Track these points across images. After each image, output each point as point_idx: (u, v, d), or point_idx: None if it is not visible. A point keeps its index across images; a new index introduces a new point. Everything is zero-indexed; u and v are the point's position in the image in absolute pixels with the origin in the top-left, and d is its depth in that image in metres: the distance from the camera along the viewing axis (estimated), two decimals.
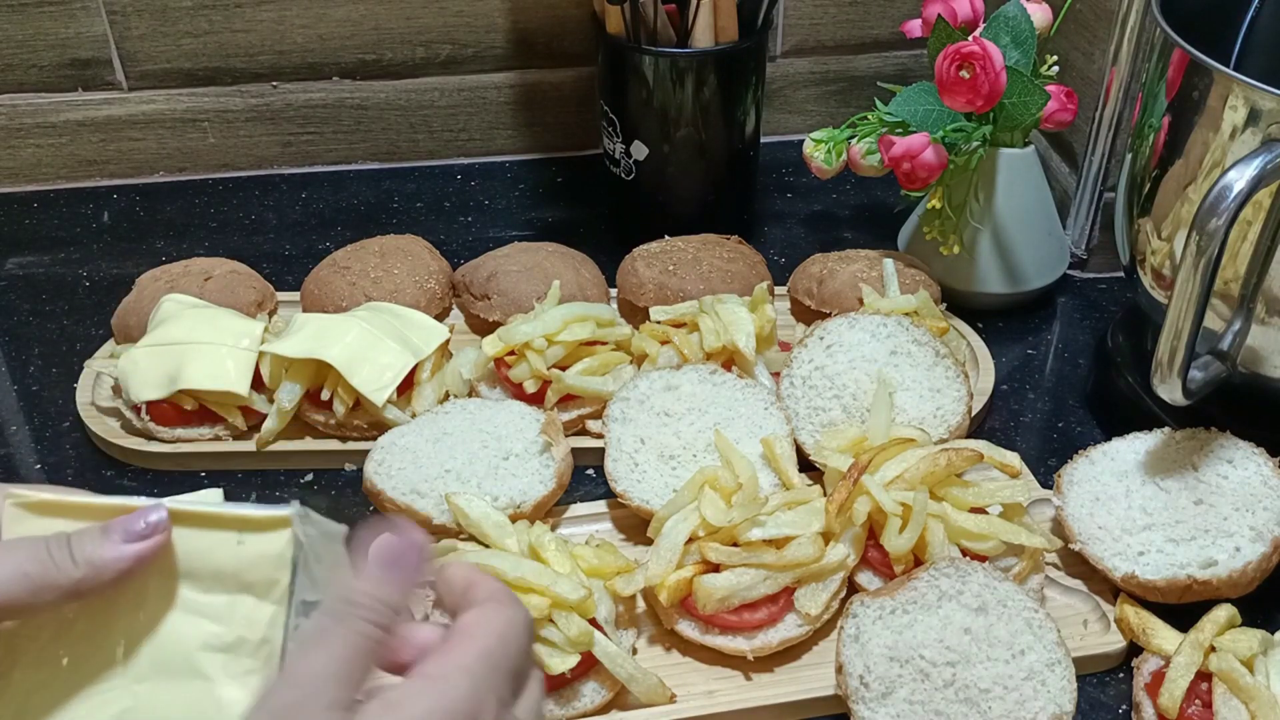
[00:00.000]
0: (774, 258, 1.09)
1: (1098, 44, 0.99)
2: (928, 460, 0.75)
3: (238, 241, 1.12)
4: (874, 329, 0.88)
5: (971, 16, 0.96)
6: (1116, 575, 0.74)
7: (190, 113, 1.17)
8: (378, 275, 0.96)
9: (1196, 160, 0.74)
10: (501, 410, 0.85)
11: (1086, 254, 1.06)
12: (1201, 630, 0.68)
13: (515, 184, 1.21)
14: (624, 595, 0.72)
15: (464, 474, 0.80)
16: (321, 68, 1.16)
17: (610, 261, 1.01)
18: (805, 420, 0.85)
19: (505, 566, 0.68)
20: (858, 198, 1.18)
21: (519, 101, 1.21)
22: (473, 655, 0.43)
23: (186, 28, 1.12)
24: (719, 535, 0.73)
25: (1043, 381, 0.96)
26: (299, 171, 1.22)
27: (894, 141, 0.93)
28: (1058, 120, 0.96)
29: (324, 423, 0.87)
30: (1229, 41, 0.85)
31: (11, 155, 1.17)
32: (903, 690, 0.66)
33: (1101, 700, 0.72)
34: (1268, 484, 0.75)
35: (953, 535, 0.74)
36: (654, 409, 0.84)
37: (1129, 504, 0.77)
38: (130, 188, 1.19)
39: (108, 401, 0.90)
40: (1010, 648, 0.67)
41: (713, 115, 1.01)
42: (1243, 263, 0.72)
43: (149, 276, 0.97)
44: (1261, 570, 0.72)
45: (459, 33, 1.15)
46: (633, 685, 0.68)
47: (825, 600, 0.72)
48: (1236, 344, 0.76)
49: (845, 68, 1.24)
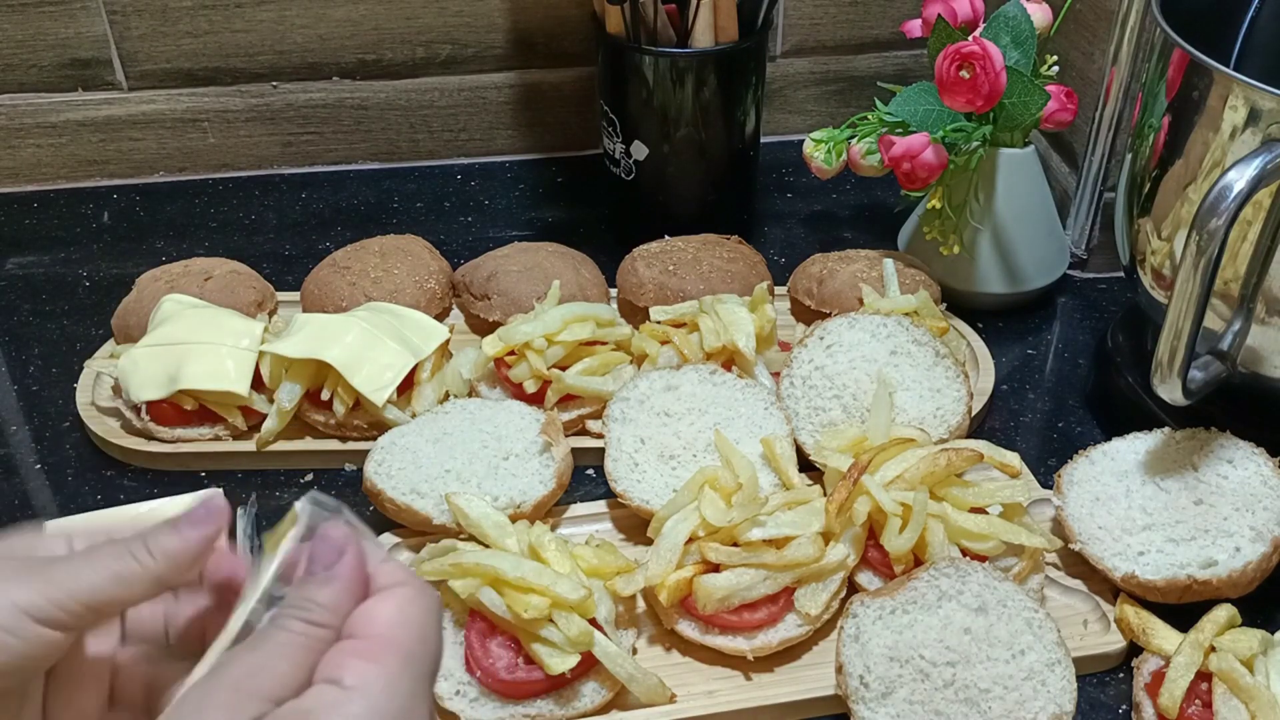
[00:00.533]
0: (774, 258, 1.09)
1: (1098, 44, 0.99)
2: (928, 460, 0.75)
3: (238, 241, 1.12)
4: (874, 329, 0.88)
5: (971, 16, 0.96)
6: (1116, 575, 0.74)
7: (190, 113, 1.17)
8: (378, 275, 0.96)
9: (1196, 160, 0.74)
10: (501, 410, 0.85)
11: (1086, 254, 1.06)
12: (1201, 630, 0.68)
13: (515, 184, 1.21)
14: (624, 595, 0.72)
15: (464, 474, 0.80)
16: (321, 68, 1.16)
17: (610, 261, 1.01)
18: (805, 420, 0.85)
19: (505, 566, 0.68)
20: (858, 198, 1.18)
21: (519, 101, 1.21)
22: (397, 663, 0.41)
23: (186, 28, 1.12)
24: (719, 535, 0.73)
25: (1043, 381, 0.96)
26: (299, 171, 1.22)
27: (894, 141, 0.93)
28: (1058, 120, 0.96)
29: (324, 423, 0.87)
30: (1229, 41, 0.85)
31: (11, 155, 1.17)
32: (903, 690, 0.66)
33: (1101, 700, 0.72)
34: (1268, 484, 0.75)
35: (953, 535, 0.74)
36: (654, 409, 0.84)
37: (1129, 504, 0.77)
38: (130, 188, 1.19)
39: (108, 401, 0.90)
40: (1010, 648, 0.67)
41: (713, 115, 1.01)
42: (1243, 263, 0.72)
43: (149, 276, 0.97)
44: (1261, 570, 0.72)
45: (459, 33, 1.15)
46: (633, 685, 0.68)
47: (825, 600, 0.72)
48: (1236, 344, 0.76)
49: (845, 68, 1.24)
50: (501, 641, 0.69)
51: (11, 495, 0.85)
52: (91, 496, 0.85)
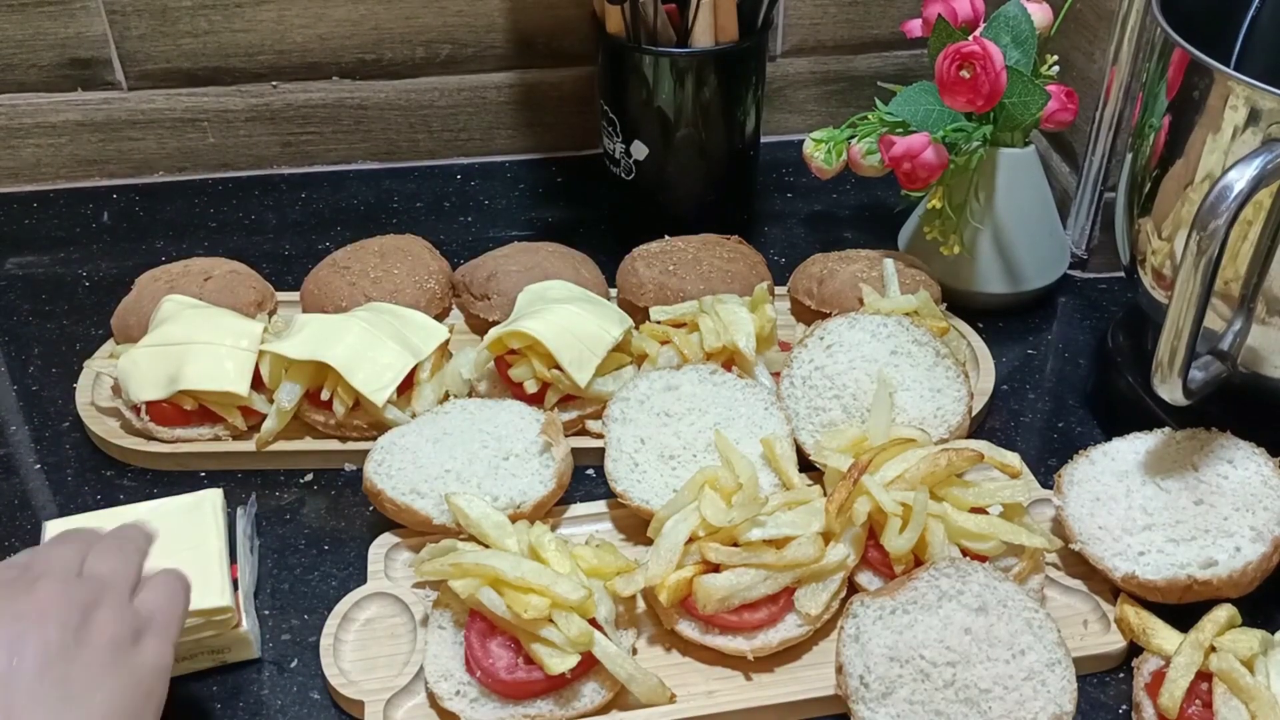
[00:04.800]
0: (774, 258, 1.09)
1: (1098, 44, 0.99)
2: (928, 460, 0.75)
3: (238, 241, 1.12)
4: (874, 329, 0.88)
5: (972, 16, 0.95)
6: (1116, 575, 0.74)
7: (190, 113, 1.17)
8: (377, 275, 0.96)
9: (1196, 160, 0.74)
10: (501, 410, 0.85)
11: (1087, 254, 1.06)
12: (1202, 630, 0.68)
13: (515, 184, 1.21)
14: (624, 595, 0.72)
15: (464, 474, 0.80)
16: (321, 68, 1.16)
17: (610, 261, 1.01)
18: (805, 420, 0.85)
19: (505, 566, 0.68)
20: (858, 198, 1.18)
21: (519, 101, 1.21)
22: None
23: (186, 28, 1.12)
24: (719, 535, 0.73)
25: (1043, 381, 0.96)
26: (299, 171, 1.22)
27: (894, 141, 0.93)
28: (1058, 120, 0.96)
29: (324, 423, 0.87)
30: (1229, 41, 0.85)
31: (11, 155, 1.17)
32: (903, 690, 0.66)
33: (1101, 700, 0.72)
34: (1268, 484, 0.75)
35: (953, 535, 0.74)
36: (654, 409, 0.84)
37: (1129, 504, 0.77)
38: (130, 188, 1.19)
39: (108, 401, 0.90)
40: (1010, 648, 0.67)
41: (713, 115, 1.01)
42: (1243, 263, 0.72)
43: (149, 276, 0.97)
44: (1261, 570, 0.72)
45: (459, 33, 1.15)
46: (633, 685, 0.68)
47: (825, 600, 0.72)
48: (1237, 344, 0.76)
49: (845, 68, 1.24)
50: (501, 641, 0.69)
51: (11, 495, 0.85)
52: (91, 496, 0.85)
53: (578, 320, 0.86)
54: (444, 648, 0.71)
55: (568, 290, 0.92)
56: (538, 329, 0.85)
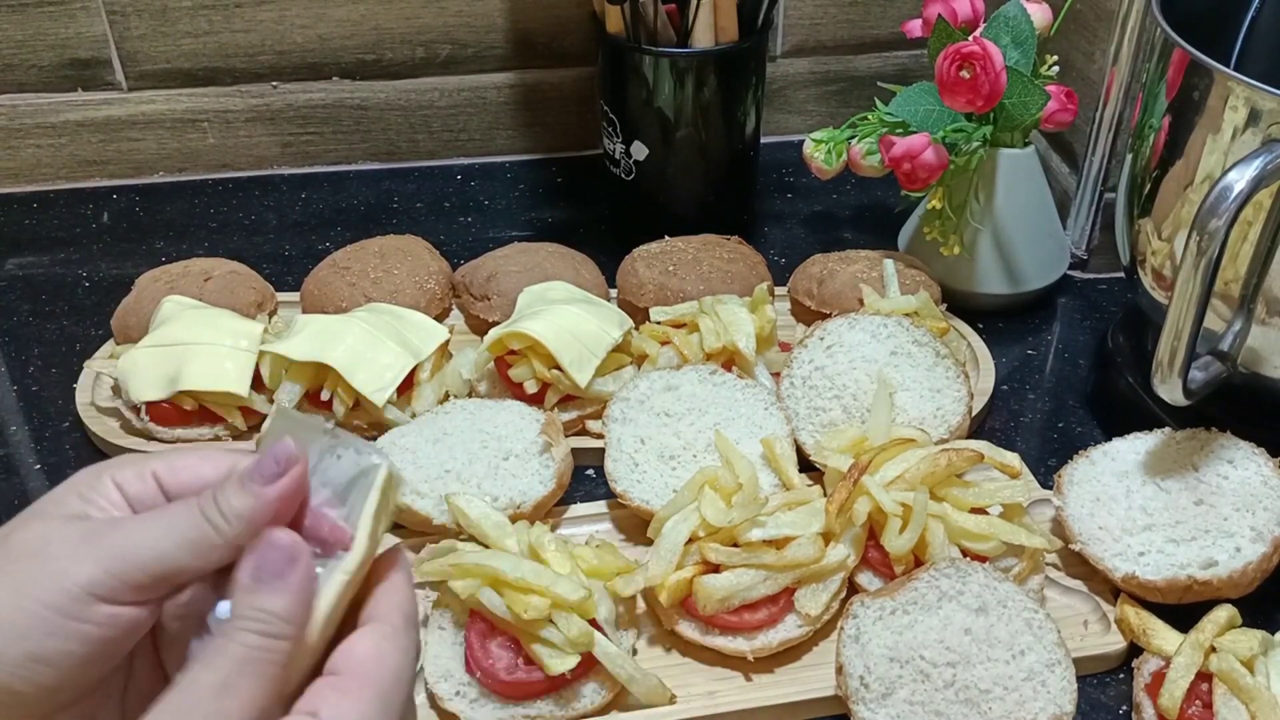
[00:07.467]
0: (774, 258, 1.09)
1: (1098, 44, 0.99)
2: (928, 461, 0.75)
3: (238, 242, 1.12)
4: (874, 329, 0.88)
5: (972, 16, 0.96)
6: (1116, 575, 0.74)
7: (190, 113, 1.17)
8: (377, 276, 0.96)
9: (1196, 160, 0.74)
10: (501, 410, 0.85)
11: (1087, 254, 1.06)
12: (1202, 631, 0.68)
13: (515, 184, 1.21)
14: (624, 596, 0.72)
15: (464, 474, 0.80)
16: (321, 68, 1.16)
17: (610, 261, 1.01)
18: (805, 420, 0.85)
19: (505, 567, 0.68)
20: (858, 198, 1.18)
21: (519, 101, 1.21)
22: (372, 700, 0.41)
23: (186, 28, 1.12)
24: (719, 536, 0.73)
25: (1043, 382, 0.96)
26: (299, 172, 1.22)
27: (894, 142, 0.93)
28: (1058, 120, 0.96)
29: None
30: (1229, 41, 0.85)
31: (11, 155, 1.17)
32: (903, 691, 0.66)
33: (1101, 701, 0.72)
34: (1268, 484, 0.75)
35: (953, 536, 0.74)
36: (654, 409, 0.84)
37: (1129, 504, 0.77)
38: (130, 188, 1.19)
39: (108, 402, 0.90)
40: (1010, 648, 0.67)
41: (713, 115, 1.01)
42: (1243, 263, 0.72)
43: (149, 277, 0.97)
44: (1262, 570, 0.72)
45: (459, 33, 1.15)
46: (633, 686, 0.68)
47: (825, 601, 0.72)
48: (1237, 344, 0.76)
49: (845, 68, 1.24)
50: (501, 642, 0.69)
51: (11, 495, 0.85)
52: None
53: (578, 321, 0.87)
54: (444, 648, 0.71)
55: (568, 291, 0.92)
56: (538, 329, 0.85)
